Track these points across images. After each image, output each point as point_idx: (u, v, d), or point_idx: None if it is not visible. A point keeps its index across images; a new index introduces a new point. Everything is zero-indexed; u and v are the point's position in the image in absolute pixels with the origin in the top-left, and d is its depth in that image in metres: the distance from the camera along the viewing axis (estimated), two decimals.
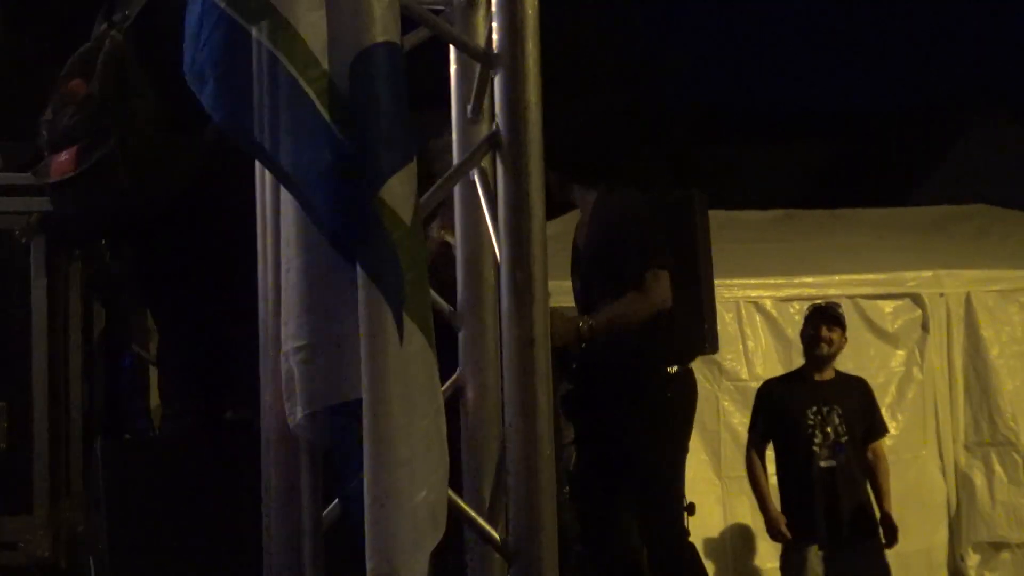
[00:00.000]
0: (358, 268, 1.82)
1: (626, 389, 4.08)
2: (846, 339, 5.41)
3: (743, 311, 6.35)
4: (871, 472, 5.26)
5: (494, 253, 2.31)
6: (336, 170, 1.82)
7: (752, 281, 6.38)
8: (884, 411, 5.70)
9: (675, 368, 4.17)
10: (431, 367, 1.85)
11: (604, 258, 4.04)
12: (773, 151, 14.87)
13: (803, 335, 5.39)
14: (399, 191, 1.83)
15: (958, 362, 6.48)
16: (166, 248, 3.27)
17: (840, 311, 5.44)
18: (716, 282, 5.92)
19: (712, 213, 4.99)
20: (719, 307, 6.24)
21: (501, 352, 2.25)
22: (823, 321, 5.32)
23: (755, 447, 5.39)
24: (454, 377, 2.44)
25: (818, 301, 5.74)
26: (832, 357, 5.33)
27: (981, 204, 8.23)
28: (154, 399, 3.93)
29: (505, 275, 2.20)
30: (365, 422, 1.80)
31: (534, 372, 2.15)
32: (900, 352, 6.47)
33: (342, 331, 1.86)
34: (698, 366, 6.20)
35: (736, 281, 6.28)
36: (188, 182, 3.11)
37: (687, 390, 4.27)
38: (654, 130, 12.37)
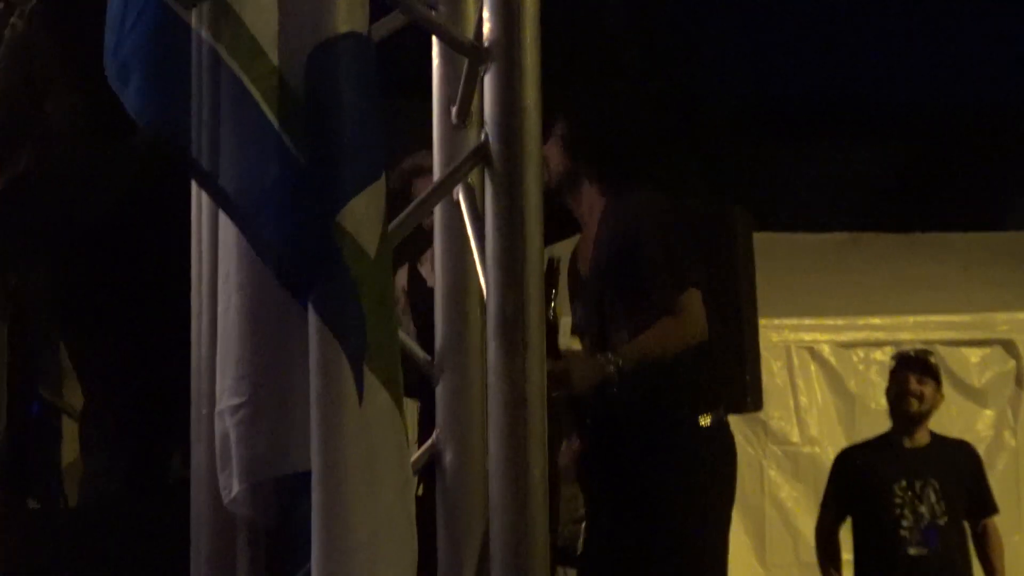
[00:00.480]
0: (310, 310, 1.84)
1: (648, 446, 4.02)
2: (942, 395, 5.41)
3: (795, 358, 6.38)
4: (983, 554, 5.22)
5: (480, 289, 2.33)
6: (285, 188, 1.84)
7: (807, 321, 6.42)
8: None
9: (708, 418, 4.07)
10: (398, 430, 1.86)
11: (621, 277, 3.94)
12: (835, 157, 14.85)
13: (888, 392, 5.39)
14: (363, 215, 1.85)
15: None
16: (89, 273, 3.28)
17: (933, 360, 5.44)
18: (761, 321, 5.93)
19: (757, 235, 5.00)
20: (765, 353, 6.25)
21: (487, 411, 2.26)
22: (912, 371, 5.31)
23: (827, 528, 5.35)
24: (430, 442, 2.45)
25: (905, 349, 5.73)
26: (925, 416, 5.31)
27: None
28: (67, 455, 3.93)
29: (493, 316, 2.22)
30: (315, 497, 1.81)
31: (527, 437, 2.16)
32: (988, 412, 6.49)
33: (290, 386, 1.88)
34: (738, 426, 6.22)
35: (787, 321, 6.32)
36: (117, 199, 3.12)
37: (726, 448, 4.20)
38: (688, 126, 12.38)
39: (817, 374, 6.43)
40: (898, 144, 15.57)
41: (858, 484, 5.30)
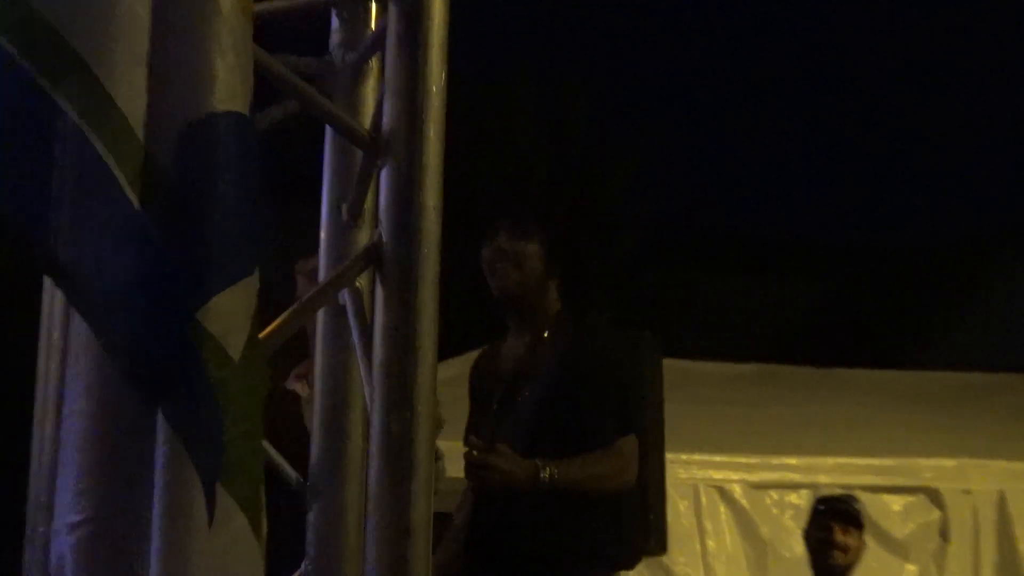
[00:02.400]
0: (158, 418, 1.76)
1: None
2: (865, 543, 5.40)
3: (703, 498, 6.33)
4: None
5: (364, 404, 2.27)
6: (141, 279, 1.77)
7: (717, 459, 6.39)
8: None
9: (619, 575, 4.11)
10: (254, 562, 1.77)
11: (570, 401, 4.01)
12: (752, 286, 15.07)
13: (809, 539, 5.35)
14: (230, 313, 1.78)
15: None
16: None
17: (858, 506, 5.43)
18: (668, 456, 5.92)
19: (666, 362, 5.00)
20: (671, 491, 6.23)
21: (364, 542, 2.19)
22: (836, 520, 5.29)
23: None
24: (298, 573, 2.38)
25: (827, 493, 5.72)
26: (848, 570, 5.29)
27: (1015, 373, 8.39)
28: None
29: (377, 436, 2.16)
30: None
31: (408, 574, 2.09)
32: (911, 567, 6.48)
33: (139, 505, 1.79)
34: (639, 571, 6.19)
35: (695, 457, 6.28)
36: None
37: None
38: (599, 247, 12.57)
39: (727, 516, 6.37)
40: (816, 277, 15.86)
41: None
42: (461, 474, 4.06)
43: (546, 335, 4.07)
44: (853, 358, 9.10)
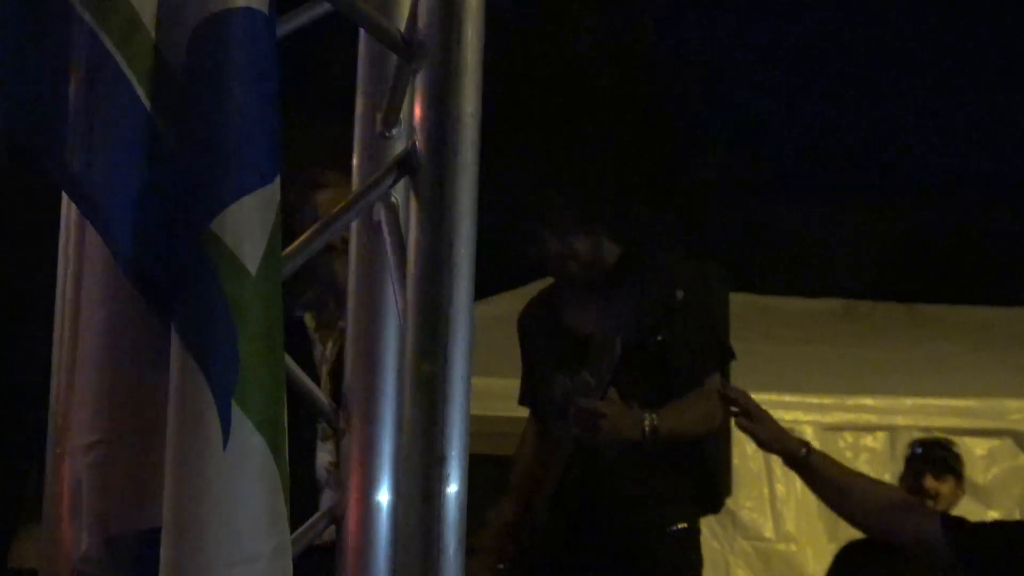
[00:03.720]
0: (172, 332, 1.76)
1: (612, 556, 4.07)
2: (963, 490, 5.44)
3: None
4: None
5: (399, 329, 2.26)
6: (154, 186, 1.76)
7: (788, 399, 6.39)
8: None
9: (682, 525, 4.13)
10: (273, 484, 1.78)
11: (653, 353, 4.09)
12: (833, 218, 14.94)
13: (901, 482, 5.40)
14: (246, 224, 1.77)
15: None
16: None
17: (955, 451, 5.47)
18: None
19: (735, 296, 4.98)
20: (738, 433, 6.23)
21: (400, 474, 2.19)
22: (929, 468, 5.34)
23: None
24: (331, 506, 2.38)
25: (922, 436, 5.73)
26: None
27: None
28: None
29: (411, 363, 2.15)
30: (163, 557, 1.73)
31: (441, 509, 2.09)
32: (994, 513, 6.46)
33: (154, 425, 1.80)
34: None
35: (766, 397, 6.22)
36: None
37: (693, 563, 4.23)
38: (662, 172, 12.51)
39: None
40: (903, 207, 15.68)
41: None
42: (503, 412, 4.11)
43: (614, 285, 4.12)
44: (939, 294, 9.01)
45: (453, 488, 2.09)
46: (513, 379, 4.45)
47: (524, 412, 4.39)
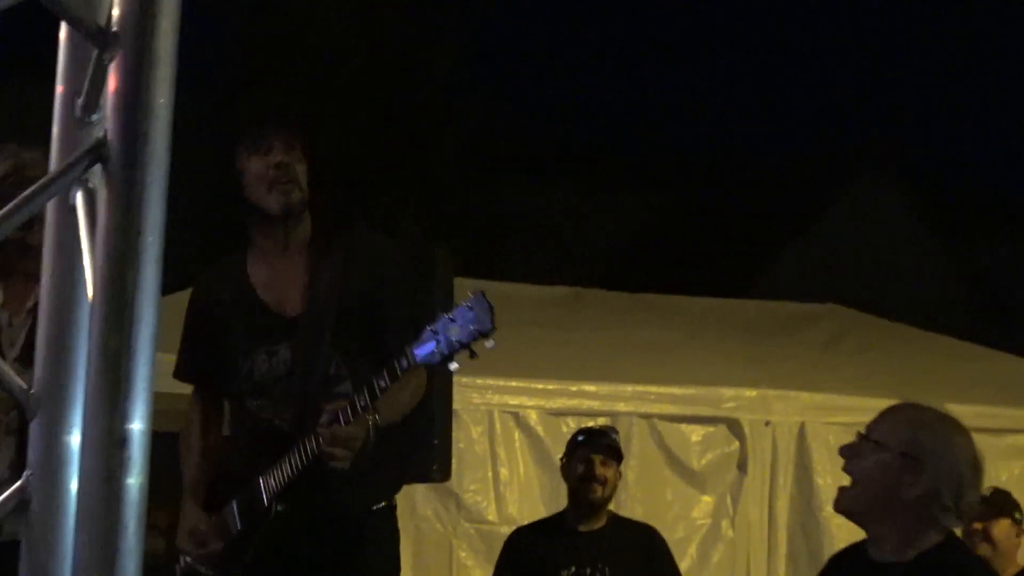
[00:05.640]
0: None
1: (323, 535, 4.04)
2: (620, 475, 5.60)
3: (497, 425, 6.47)
4: None
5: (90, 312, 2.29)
6: None
7: (513, 383, 6.52)
8: None
9: (384, 503, 4.14)
10: None
11: (358, 321, 4.05)
12: (562, 206, 15.20)
13: (569, 471, 5.55)
14: None
15: (782, 517, 6.78)
16: None
17: (616, 438, 5.63)
18: (462, 380, 6.02)
19: (463, 282, 5.08)
20: (463, 416, 6.35)
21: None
22: (596, 451, 5.49)
23: None
24: (17, 485, 2.39)
25: (591, 424, 5.89)
26: (608, 502, 5.51)
27: (833, 304, 8.67)
28: None
29: (96, 344, 2.19)
30: None
31: (120, 490, 2.13)
32: (707, 498, 6.71)
33: None
34: (427, 498, 6.30)
35: (490, 382, 6.40)
36: None
37: (396, 538, 4.24)
38: (408, 164, 12.58)
39: (521, 444, 6.52)
40: (634, 198, 16.03)
41: (526, 569, 5.45)
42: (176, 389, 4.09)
43: (313, 256, 4.08)
44: (661, 283, 9.29)
45: (134, 467, 2.14)
46: None
47: None
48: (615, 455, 5.54)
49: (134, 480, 2.17)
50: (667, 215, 16.35)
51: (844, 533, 6.76)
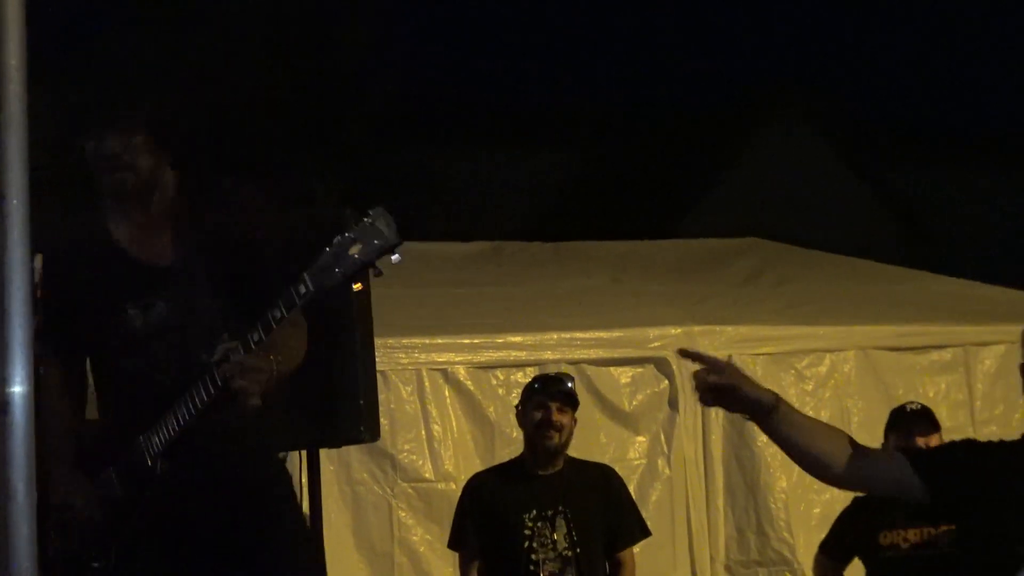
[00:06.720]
0: None
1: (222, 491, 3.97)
2: (576, 421, 5.62)
3: (426, 383, 6.47)
4: None
5: None
6: None
7: (440, 340, 6.52)
8: None
9: (282, 455, 4.12)
10: None
11: (232, 274, 3.92)
12: (478, 163, 15.23)
13: (524, 418, 5.56)
14: None
15: (717, 451, 6.82)
16: None
17: (572, 385, 5.65)
18: (387, 341, 6.03)
19: None
20: (393, 377, 6.35)
21: None
22: (552, 399, 5.51)
23: (467, 563, 5.56)
24: None
25: (546, 372, 5.88)
26: (565, 447, 5.53)
27: (752, 237, 8.73)
28: None
29: None
30: None
31: (7, 454, 2.14)
32: (640, 438, 6.74)
33: None
34: (363, 461, 6.30)
35: (417, 340, 6.40)
36: None
37: (292, 491, 4.20)
38: (320, 125, 12.49)
39: (452, 400, 6.52)
40: (546, 151, 16.08)
41: (488, 514, 5.48)
42: None
43: (179, 208, 3.97)
44: (579, 231, 9.33)
45: (18, 430, 2.15)
46: None
47: None
48: (571, 402, 5.57)
49: (20, 444, 2.19)
50: (582, 164, 16.43)
51: (778, 463, 6.87)
